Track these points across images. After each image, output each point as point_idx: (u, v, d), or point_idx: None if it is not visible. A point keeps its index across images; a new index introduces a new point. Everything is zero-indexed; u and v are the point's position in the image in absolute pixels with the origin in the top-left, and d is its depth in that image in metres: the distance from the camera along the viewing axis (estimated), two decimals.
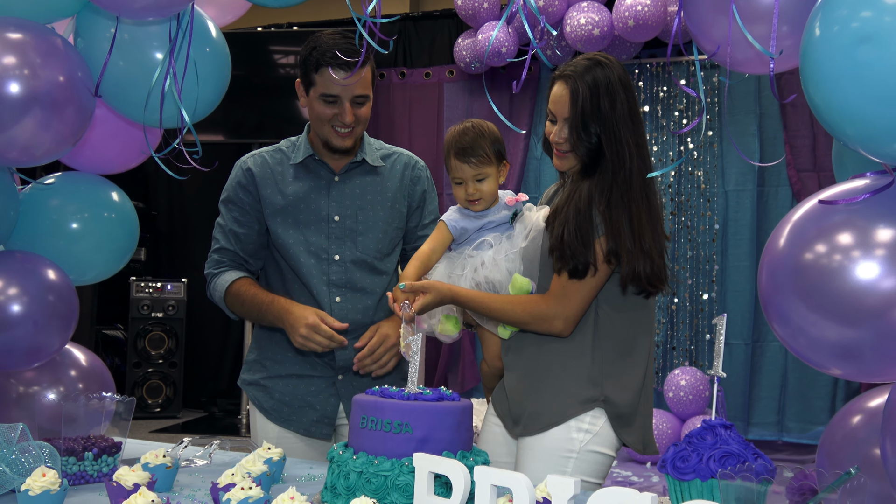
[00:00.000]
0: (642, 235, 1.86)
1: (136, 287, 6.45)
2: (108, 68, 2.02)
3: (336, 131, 2.20)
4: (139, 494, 1.40)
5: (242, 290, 2.24)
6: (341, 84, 2.13)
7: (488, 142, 2.04)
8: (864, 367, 1.41)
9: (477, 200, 2.04)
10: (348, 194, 2.28)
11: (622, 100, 1.91)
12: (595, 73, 1.91)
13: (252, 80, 6.43)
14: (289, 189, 2.27)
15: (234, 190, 2.31)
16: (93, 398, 1.83)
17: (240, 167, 2.32)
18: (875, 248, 1.34)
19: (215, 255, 2.34)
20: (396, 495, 1.48)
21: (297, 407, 2.29)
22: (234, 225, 2.30)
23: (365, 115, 2.22)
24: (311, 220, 2.25)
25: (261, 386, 2.32)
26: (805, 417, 5.49)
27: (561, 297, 1.91)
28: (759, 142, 5.57)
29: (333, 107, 2.17)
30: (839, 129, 1.33)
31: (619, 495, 1.17)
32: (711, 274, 5.73)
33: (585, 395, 1.91)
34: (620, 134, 1.90)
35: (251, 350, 2.40)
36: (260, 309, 2.19)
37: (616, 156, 1.90)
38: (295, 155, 2.29)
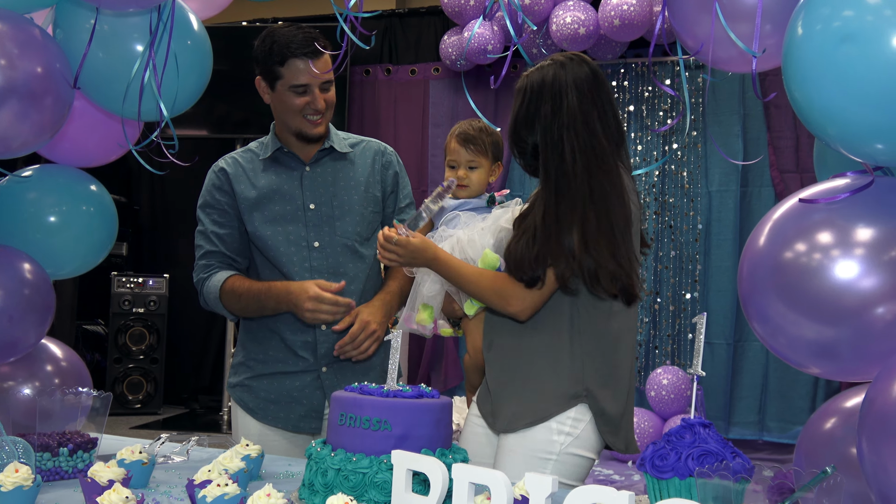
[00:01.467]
0: (588, 242, 1.81)
1: (118, 282, 6.40)
2: (87, 60, 2.00)
3: (308, 120, 2.24)
4: (113, 491, 1.39)
5: (236, 285, 2.23)
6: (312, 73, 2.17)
7: (490, 139, 2.19)
8: (843, 366, 1.42)
9: (465, 186, 2.16)
10: (321, 182, 2.30)
11: (570, 103, 1.86)
12: (546, 73, 1.89)
13: (237, 75, 6.38)
14: (261, 183, 2.28)
15: (209, 194, 2.31)
16: (69, 393, 1.81)
17: (212, 171, 2.33)
18: (854, 247, 1.35)
19: (202, 261, 2.33)
20: (374, 492, 1.47)
21: (283, 404, 2.28)
22: (215, 227, 2.29)
23: (332, 99, 2.27)
24: (287, 210, 2.26)
25: (245, 386, 2.31)
26: (786, 417, 5.53)
27: (519, 288, 1.90)
28: (742, 142, 5.60)
29: (304, 96, 2.21)
30: (820, 127, 1.33)
31: (596, 493, 1.16)
32: (694, 274, 5.76)
33: (568, 392, 1.90)
34: (561, 140, 1.86)
35: (236, 353, 2.39)
36: (259, 299, 2.19)
37: (552, 163, 1.87)
38: (264, 151, 2.31)
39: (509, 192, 2.24)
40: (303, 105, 2.21)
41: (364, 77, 6.55)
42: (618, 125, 1.94)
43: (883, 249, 1.34)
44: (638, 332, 5.89)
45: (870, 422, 1.26)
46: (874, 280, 1.33)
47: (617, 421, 1.92)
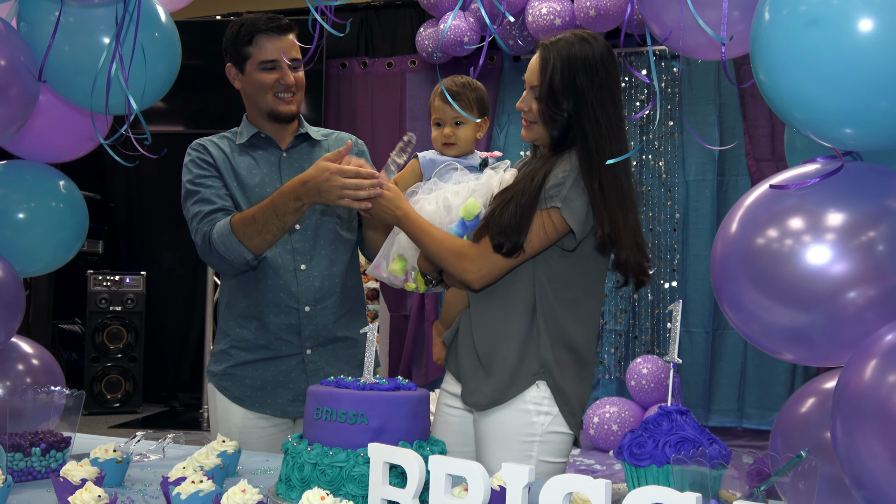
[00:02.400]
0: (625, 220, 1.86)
1: (94, 280, 6.34)
2: (52, 53, 1.97)
3: (279, 98, 2.25)
4: (85, 489, 1.37)
5: (245, 213, 2.13)
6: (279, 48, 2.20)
7: (474, 94, 2.14)
8: (816, 352, 1.43)
9: (452, 144, 2.14)
10: (298, 168, 2.28)
11: (602, 79, 1.89)
12: (574, 48, 1.89)
13: (212, 69, 6.31)
14: (240, 168, 2.27)
15: (197, 167, 2.25)
16: (41, 392, 1.78)
17: (192, 149, 2.29)
18: (825, 232, 1.35)
19: (205, 219, 2.18)
20: (352, 486, 1.46)
21: (269, 390, 2.27)
22: (212, 191, 2.22)
23: (302, 79, 2.28)
24: (266, 194, 2.21)
25: (228, 375, 2.29)
26: (764, 404, 5.59)
27: (482, 255, 1.90)
28: (718, 131, 5.64)
29: (273, 72, 2.22)
30: (789, 113, 1.33)
31: (572, 482, 1.17)
32: (672, 263, 5.79)
33: (528, 370, 1.91)
34: (598, 113, 1.88)
35: (217, 340, 2.36)
36: (274, 207, 2.07)
37: (594, 134, 1.87)
38: (239, 137, 2.31)
39: (502, 156, 2.21)
40: (273, 82, 2.23)
41: (340, 70, 6.52)
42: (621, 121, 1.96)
43: (853, 234, 1.35)
44: (617, 321, 5.92)
45: (842, 406, 1.26)
46: (845, 265, 1.34)
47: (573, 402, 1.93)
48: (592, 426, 5.20)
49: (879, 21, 1.21)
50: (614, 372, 5.92)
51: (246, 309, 2.27)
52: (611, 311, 5.93)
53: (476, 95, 2.15)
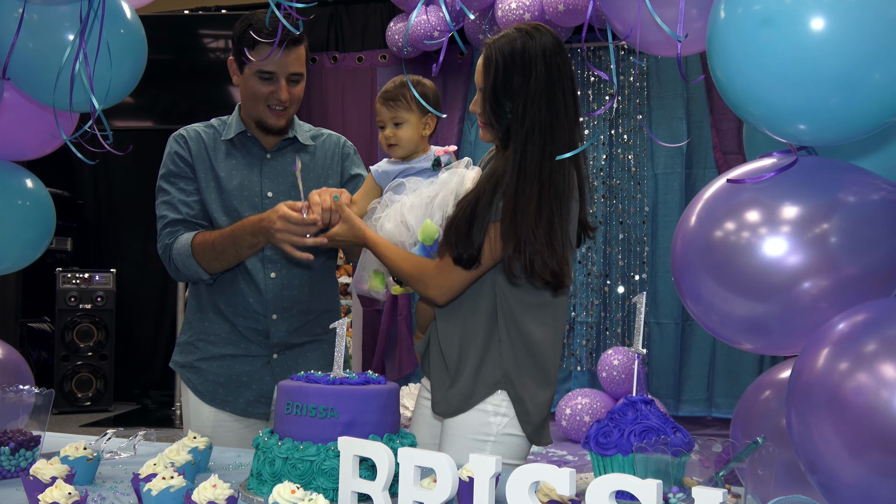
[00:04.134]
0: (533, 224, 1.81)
1: (63, 278, 6.27)
2: (16, 50, 1.94)
3: (271, 110, 2.21)
4: (55, 487, 1.37)
5: (206, 237, 2.17)
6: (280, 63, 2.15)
7: (414, 92, 2.05)
8: (772, 341, 1.46)
9: (394, 146, 2.10)
10: (280, 171, 2.28)
11: (539, 74, 1.84)
12: (515, 44, 1.86)
13: (181, 64, 6.28)
14: (221, 165, 2.26)
15: (173, 163, 2.26)
16: (9, 391, 1.77)
17: (174, 139, 2.28)
18: (781, 224, 1.39)
19: (167, 229, 2.25)
20: (322, 480, 1.48)
21: (232, 388, 2.27)
22: (181, 195, 2.24)
23: (299, 94, 2.24)
24: (243, 196, 2.24)
25: (194, 368, 2.29)
26: (733, 393, 5.68)
27: (442, 272, 1.90)
28: (686, 125, 5.71)
29: (269, 84, 2.18)
30: (744, 109, 1.36)
31: (538, 471, 1.19)
32: (642, 255, 5.86)
33: (489, 379, 1.92)
34: (528, 111, 1.84)
35: (183, 331, 2.36)
36: (233, 237, 2.12)
37: (519, 135, 1.85)
38: (226, 131, 2.28)
39: (456, 149, 2.19)
40: (267, 94, 2.19)
41: (310, 65, 6.49)
42: (576, 100, 1.92)
43: (808, 227, 1.39)
44: (588, 313, 5.97)
45: (796, 393, 1.30)
46: (800, 256, 1.38)
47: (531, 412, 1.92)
48: (564, 417, 5.25)
49: (831, 20, 1.24)
50: (586, 364, 5.99)
51: (215, 307, 2.27)
52: (582, 303, 5.99)
53: (419, 92, 2.09)
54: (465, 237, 1.85)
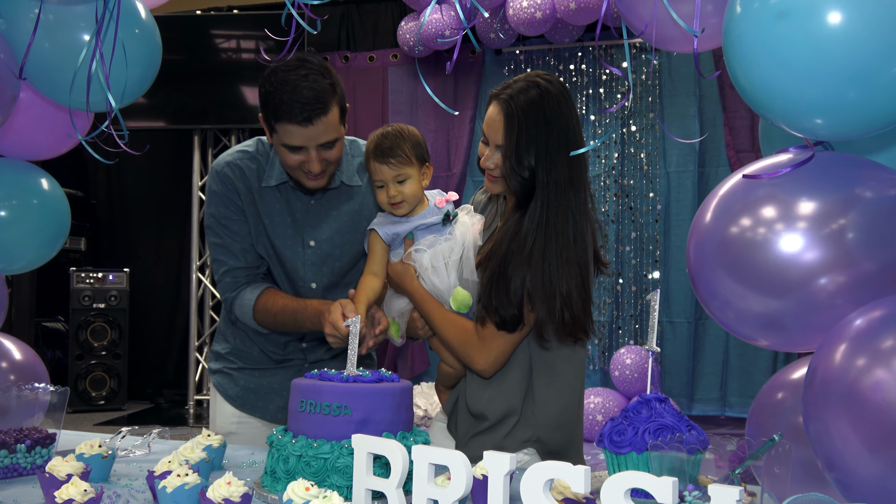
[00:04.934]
0: (560, 278, 1.80)
1: (77, 278, 6.31)
2: (32, 50, 1.96)
3: (307, 175, 2.03)
4: (71, 484, 1.38)
5: (269, 304, 2.10)
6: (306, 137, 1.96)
7: (408, 144, 1.97)
8: (789, 337, 1.45)
9: (399, 203, 1.97)
10: (325, 216, 2.16)
11: (560, 127, 1.83)
12: (530, 94, 1.83)
13: (193, 64, 6.31)
14: (265, 210, 2.14)
15: (223, 204, 2.13)
16: (25, 389, 1.78)
17: (220, 180, 2.13)
18: (797, 220, 1.38)
19: (227, 278, 2.16)
20: (336, 477, 1.48)
21: (263, 394, 2.28)
22: (236, 240, 2.14)
23: (336, 156, 2.03)
24: (286, 245, 2.15)
25: (227, 374, 2.30)
26: (747, 392, 5.65)
27: (487, 341, 1.88)
28: (698, 123, 5.68)
29: (299, 154, 1.99)
30: (761, 104, 1.36)
31: (553, 469, 1.18)
32: (655, 254, 5.84)
33: (519, 436, 1.91)
34: (552, 168, 1.82)
35: (217, 340, 2.35)
36: (295, 317, 2.06)
37: (544, 192, 1.83)
38: (268, 175, 2.13)
39: (458, 197, 2.08)
40: (299, 162, 2.00)
41: None
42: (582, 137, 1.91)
43: (824, 222, 1.37)
44: (601, 312, 5.96)
45: (813, 390, 1.29)
46: (817, 252, 1.37)
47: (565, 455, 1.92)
48: None
49: (848, 13, 1.23)
50: (598, 362, 5.97)
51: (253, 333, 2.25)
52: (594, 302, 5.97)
53: (412, 143, 1.98)
54: (505, 299, 1.82)
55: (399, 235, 2.02)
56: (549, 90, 1.84)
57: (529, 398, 1.92)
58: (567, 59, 5.98)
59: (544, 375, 1.92)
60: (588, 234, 1.86)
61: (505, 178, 1.88)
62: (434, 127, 6.26)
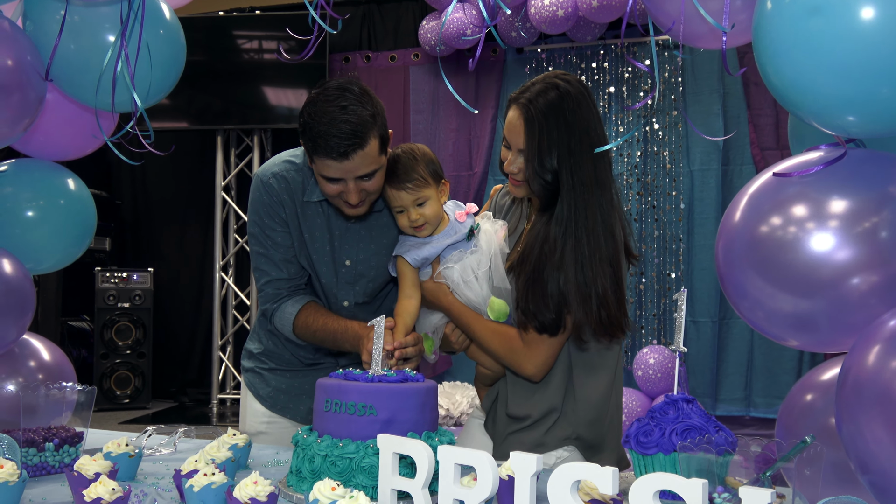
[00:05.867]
0: (595, 279, 1.80)
1: (102, 277, 6.38)
2: (58, 51, 1.98)
3: (346, 203, 1.98)
4: (99, 483, 1.39)
5: (310, 320, 2.09)
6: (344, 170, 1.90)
7: (422, 164, 1.96)
8: (820, 338, 1.43)
9: (422, 226, 1.97)
10: (364, 236, 2.14)
11: (581, 127, 1.83)
12: (549, 96, 1.83)
13: (216, 65, 6.36)
14: (305, 224, 2.12)
15: (268, 215, 2.10)
16: (53, 388, 1.80)
17: (262, 183, 2.11)
18: (829, 219, 1.36)
19: (268, 289, 2.15)
20: (361, 477, 1.48)
21: (293, 395, 2.29)
22: (277, 250, 2.12)
23: (376, 186, 1.96)
24: (323, 261, 2.14)
25: (258, 374, 2.31)
26: (772, 392, 5.60)
27: (532, 346, 1.89)
28: (722, 121, 5.63)
29: (337, 184, 1.93)
30: (792, 101, 1.34)
31: (581, 470, 1.18)
32: (678, 253, 5.79)
33: (560, 434, 1.92)
34: (576, 169, 1.82)
35: (252, 339, 2.35)
36: (335, 338, 2.06)
37: (571, 195, 1.83)
38: (311, 190, 2.10)
39: (477, 209, 2.07)
40: (337, 192, 1.95)
41: (344, 65, 6.52)
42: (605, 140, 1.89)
43: (856, 221, 1.35)
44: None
45: (846, 391, 1.27)
46: (849, 251, 1.34)
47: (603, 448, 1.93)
48: None
49: (881, 8, 1.21)
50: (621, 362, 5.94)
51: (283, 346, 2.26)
52: None
53: (424, 163, 1.96)
54: (542, 304, 1.83)
55: (428, 260, 2.00)
56: (568, 91, 1.84)
57: (570, 396, 1.93)
58: (589, 58, 5.95)
59: (584, 373, 1.93)
60: (618, 229, 1.86)
61: (528, 181, 1.87)
62: (455, 126, 6.25)
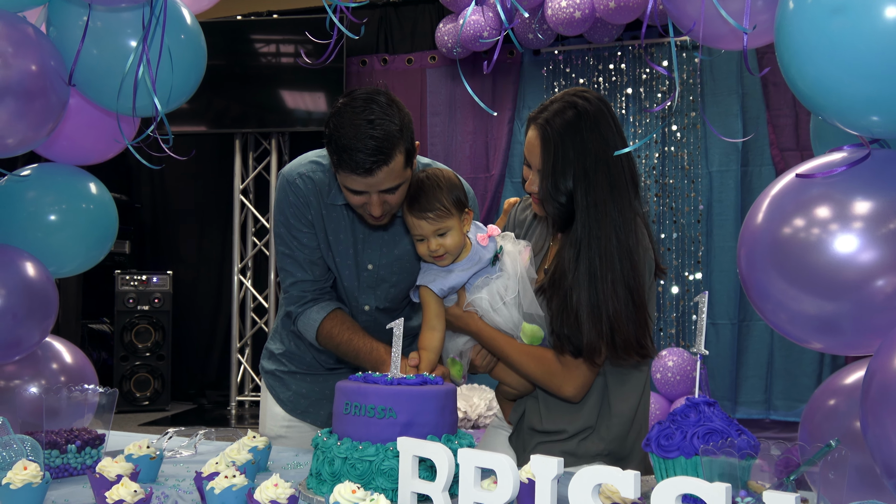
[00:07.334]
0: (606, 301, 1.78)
1: (121, 280, 6.43)
2: (81, 57, 2.00)
3: (369, 214, 1.94)
4: (122, 485, 1.40)
5: (335, 332, 2.07)
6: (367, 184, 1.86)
7: (445, 193, 1.87)
8: (845, 340, 1.42)
9: (442, 256, 1.89)
10: (387, 241, 2.12)
11: (597, 147, 1.81)
12: (567, 116, 1.81)
13: (233, 69, 6.39)
14: (330, 226, 2.10)
15: (291, 212, 2.08)
16: (75, 390, 1.82)
17: (288, 183, 2.09)
18: (853, 220, 1.35)
19: (294, 291, 2.12)
20: (381, 480, 1.48)
21: (314, 399, 2.28)
22: (304, 252, 2.10)
23: (399, 199, 1.92)
24: (346, 264, 2.12)
25: (278, 378, 2.31)
26: (792, 395, 5.55)
27: (570, 369, 1.87)
28: (741, 122, 5.59)
29: (361, 196, 1.89)
30: (815, 102, 1.32)
31: (602, 473, 1.17)
32: (697, 255, 5.76)
33: (592, 450, 1.91)
34: (593, 182, 1.80)
35: (274, 339, 2.34)
36: (357, 356, 2.04)
37: (587, 214, 1.81)
38: (336, 192, 2.07)
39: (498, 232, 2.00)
40: (359, 203, 1.92)
41: (360, 67, 6.54)
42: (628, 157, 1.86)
43: (881, 222, 1.34)
44: None
45: (872, 394, 1.26)
46: (873, 253, 1.33)
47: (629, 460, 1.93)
48: None
49: None
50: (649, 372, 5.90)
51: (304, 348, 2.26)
52: None
53: (448, 189, 1.88)
54: (575, 329, 1.81)
55: (455, 289, 1.95)
56: (586, 109, 1.82)
57: (605, 412, 1.92)
58: (606, 59, 5.93)
59: (618, 387, 1.92)
60: (638, 250, 1.83)
61: (543, 202, 1.87)
62: (472, 129, 6.26)
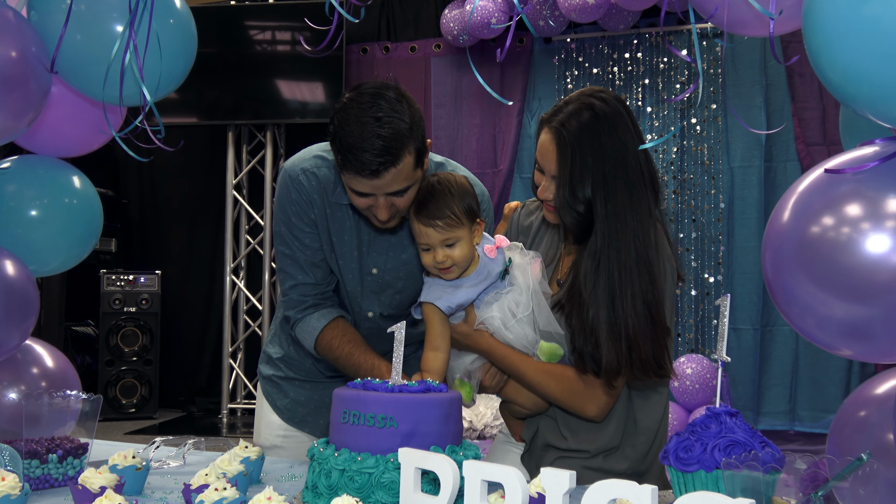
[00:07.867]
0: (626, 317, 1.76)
1: (107, 280, 6.43)
2: (64, 42, 1.99)
3: (375, 217, 1.93)
4: (105, 497, 1.39)
5: (335, 344, 2.07)
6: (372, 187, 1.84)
7: (457, 200, 1.84)
8: (877, 347, 1.41)
9: (449, 268, 1.86)
10: (394, 244, 2.11)
11: (616, 142, 1.80)
12: (583, 118, 1.80)
13: (227, 58, 6.39)
14: (334, 227, 2.09)
15: (293, 210, 2.07)
16: (56, 397, 1.81)
17: (291, 179, 2.07)
18: (885, 219, 1.34)
19: (293, 294, 2.12)
20: (381, 493, 1.47)
21: (313, 408, 2.29)
22: (307, 253, 2.09)
23: (408, 202, 1.89)
24: (349, 267, 2.11)
25: (276, 384, 2.31)
26: (818, 405, 5.53)
27: (593, 387, 1.87)
28: (765, 114, 5.58)
29: (367, 199, 1.88)
30: (845, 91, 1.32)
31: (617, 487, 1.16)
32: (717, 256, 5.74)
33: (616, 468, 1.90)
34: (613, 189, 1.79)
35: (272, 342, 2.33)
36: (357, 372, 2.02)
37: (607, 223, 1.80)
38: (341, 191, 2.05)
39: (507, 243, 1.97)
40: (365, 205, 1.90)
41: (361, 56, 6.54)
42: (648, 159, 1.85)
43: None
44: None
45: None
46: None
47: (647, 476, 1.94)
48: None
49: None
50: None
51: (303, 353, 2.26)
52: None
53: (460, 197, 1.85)
54: (597, 350, 1.80)
55: (463, 307, 1.92)
56: (603, 111, 1.81)
57: (630, 431, 1.92)
58: (622, 48, 5.92)
59: (643, 404, 1.93)
60: (658, 262, 1.82)
61: (559, 210, 1.85)
62: (479, 121, 6.25)
